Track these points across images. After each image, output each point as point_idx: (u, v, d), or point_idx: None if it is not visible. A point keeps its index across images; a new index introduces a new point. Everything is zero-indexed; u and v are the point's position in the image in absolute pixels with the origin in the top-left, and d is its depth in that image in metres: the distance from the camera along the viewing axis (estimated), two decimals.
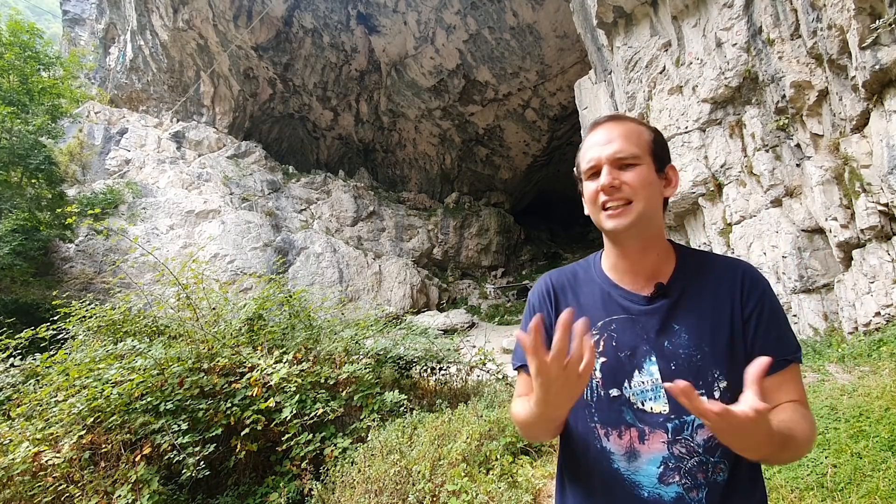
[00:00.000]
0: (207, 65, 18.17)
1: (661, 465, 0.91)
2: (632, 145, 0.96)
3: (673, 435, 0.91)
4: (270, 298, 4.98)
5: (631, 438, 0.93)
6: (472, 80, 19.16)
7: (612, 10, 8.19)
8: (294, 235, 17.27)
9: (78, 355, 3.90)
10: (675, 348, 0.94)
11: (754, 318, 0.95)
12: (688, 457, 0.90)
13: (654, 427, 0.92)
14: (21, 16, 13.67)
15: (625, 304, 1.00)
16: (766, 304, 0.96)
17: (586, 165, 0.99)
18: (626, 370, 0.95)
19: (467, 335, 8.96)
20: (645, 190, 0.94)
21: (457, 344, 6.00)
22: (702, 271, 1.01)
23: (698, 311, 0.96)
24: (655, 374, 0.93)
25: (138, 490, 2.89)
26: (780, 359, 0.92)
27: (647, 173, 0.96)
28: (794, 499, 2.67)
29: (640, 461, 0.92)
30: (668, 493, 0.90)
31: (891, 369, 4.07)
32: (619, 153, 0.94)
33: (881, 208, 5.03)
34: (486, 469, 3.10)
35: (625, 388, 0.95)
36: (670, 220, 8.18)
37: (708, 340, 0.94)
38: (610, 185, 0.93)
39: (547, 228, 27.53)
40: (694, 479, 0.90)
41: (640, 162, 0.95)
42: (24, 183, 12.26)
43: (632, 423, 0.94)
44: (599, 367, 0.97)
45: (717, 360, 0.92)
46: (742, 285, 0.97)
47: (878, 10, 4.55)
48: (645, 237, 0.98)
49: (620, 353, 0.96)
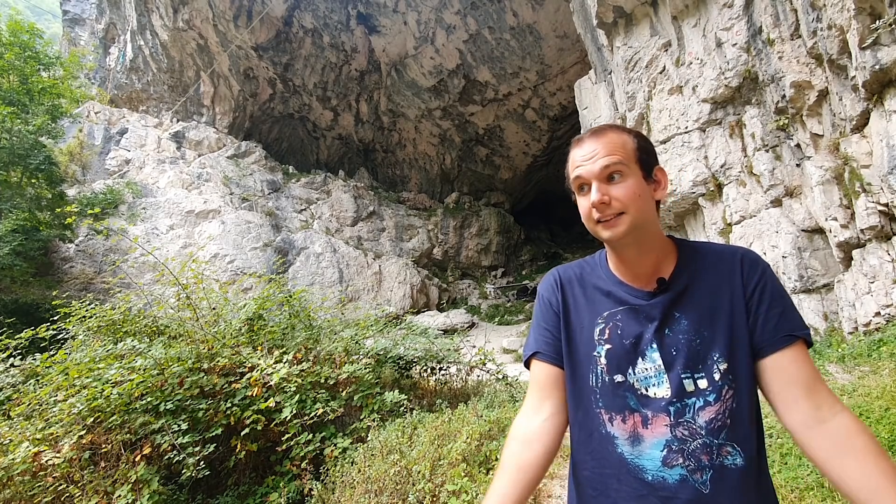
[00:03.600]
0: (207, 65, 18.17)
1: (664, 449, 0.92)
2: (617, 157, 0.97)
3: (675, 418, 0.93)
4: (270, 298, 4.98)
5: (635, 423, 0.95)
6: (472, 80, 19.16)
7: (612, 10, 8.19)
8: (294, 235, 17.27)
9: (78, 355, 3.90)
10: (675, 335, 0.96)
11: (756, 295, 0.96)
12: (691, 439, 0.91)
13: (657, 411, 0.94)
14: (21, 16, 13.67)
15: (629, 297, 1.03)
16: (767, 283, 0.97)
17: (575, 182, 1.01)
18: (629, 357, 0.98)
19: (467, 335, 8.97)
20: (635, 201, 0.96)
21: (457, 344, 6.00)
22: (702, 261, 1.03)
23: (698, 297, 0.99)
24: (658, 361, 0.96)
25: (138, 490, 2.89)
26: (786, 334, 0.92)
27: (635, 183, 0.97)
28: (794, 499, 2.67)
29: (644, 445, 0.94)
30: (672, 475, 0.91)
31: (891, 369, 4.07)
32: (605, 166, 0.96)
33: (881, 208, 5.03)
34: (486, 469, 3.10)
35: (629, 375, 0.97)
36: (670, 220, 8.18)
37: (707, 324, 0.96)
38: (600, 201, 0.95)
39: (547, 228, 27.54)
40: (698, 461, 0.90)
41: (627, 172, 0.97)
42: (24, 183, 12.26)
43: (635, 408, 0.96)
44: (605, 353, 1.00)
45: (718, 343, 0.94)
46: (742, 267, 0.99)
47: (878, 10, 4.55)
48: (641, 242, 1.00)
49: (625, 341, 0.99)
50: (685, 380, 0.94)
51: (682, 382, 0.94)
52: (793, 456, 3.10)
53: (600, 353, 1.00)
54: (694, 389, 0.93)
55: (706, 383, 0.93)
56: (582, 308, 1.07)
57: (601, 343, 1.01)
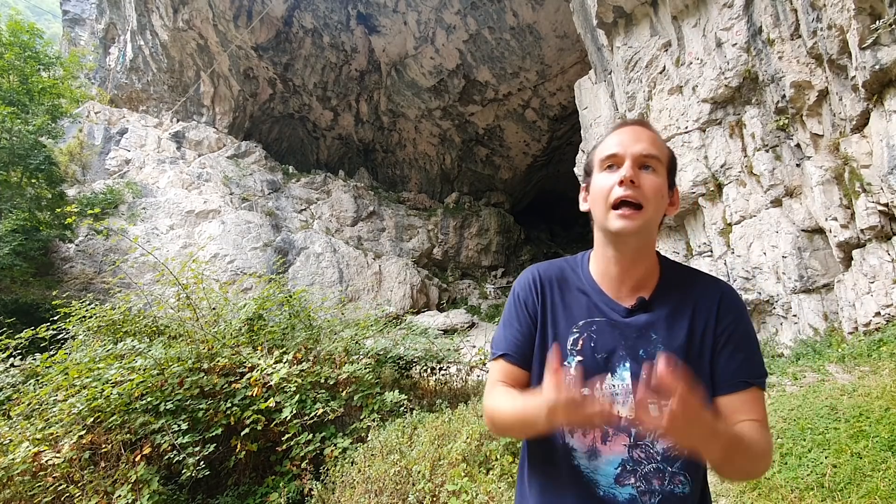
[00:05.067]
0: (207, 65, 18.17)
1: (619, 467, 0.94)
2: (657, 151, 0.98)
3: (635, 440, 0.94)
4: (270, 298, 4.98)
5: (594, 438, 0.96)
6: (472, 80, 19.15)
7: (612, 10, 8.19)
8: (294, 235, 17.27)
9: (78, 355, 3.90)
10: (649, 357, 0.96)
11: (725, 336, 0.98)
12: (646, 462, 0.93)
13: (619, 430, 0.95)
14: (21, 16, 13.67)
15: (606, 310, 1.02)
16: (739, 326, 0.99)
17: (607, 153, 1.00)
18: (599, 372, 0.97)
19: (467, 335, 8.97)
20: (657, 199, 0.96)
21: (457, 344, 6.01)
22: (683, 288, 1.03)
23: (675, 325, 0.99)
24: (627, 380, 0.96)
25: (138, 490, 2.89)
26: (743, 380, 0.95)
27: (662, 184, 0.98)
28: (794, 499, 2.67)
29: (600, 461, 0.95)
30: (623, 493, 0.93)
31: (891, 369, 4.07)
32: (645, 152, 0.97)
33: (881, 208, 5.03)
34: (486, 469, 3.10)
35: (596, 389, 0.96)
36: (670, 221, 8.18)
37: (682, 355, 0.96)
38: (631, 178, 0.94)
39: (547, 228, 27.53)
40: (649, 483, 0.92)
41: (660, 171, 0.98)
42: (24, 183, 12.25)
43: None
44: (575, 365, 0.99)
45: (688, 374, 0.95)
46: (719, 305, 1.00)
47: (878, 10, 4.55)
48: (641, 245, 1.00)
49: (597, 355, 0.98)
50: (650, 405, 0.93)
51: (648, 406, 0.93)
52: (793, 456, 3.11)
53: (571, 363, 0.99)
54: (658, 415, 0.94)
55: None
56: (559, 314, 1.05)
57: (573, 353, 1.00)
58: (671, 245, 8.34)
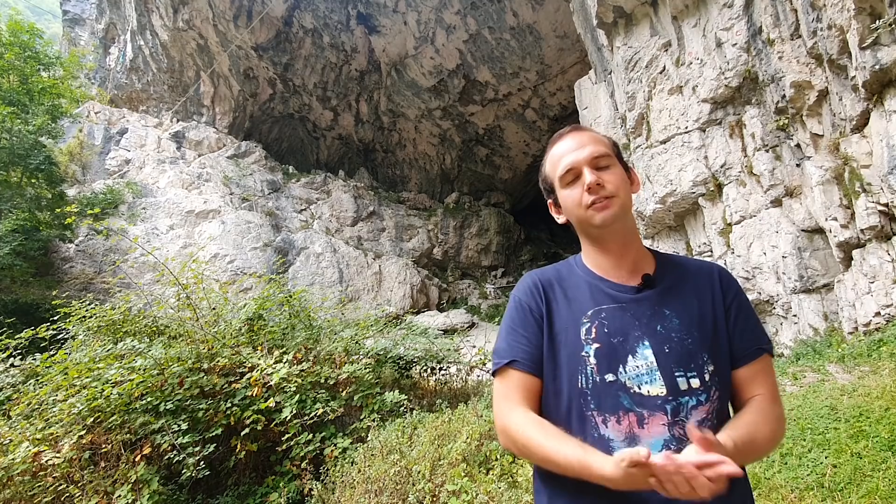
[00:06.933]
0: (207, 65, 18.16)
1: (662, 449, 0.90)
2: (604, 149, 1.05)
3: (672, 416, 0.92)
4: (270, 298, 4.98)
5: (630, 423, 0.93)
6: (472, 80, 19.15)
7: (612, 10, 8.19)
8: (294, 235, 17.26)
9: (78, 355, 3.90)
10: (667, 332, 0.97)
11: (734, 308, 1.04)
12: (686, 439, 0.89)
13: (653, 410, 0.93)
14: (21, 16, 13.67)
15: (613, 293, 1.03)
16: (741, 298, 1.06)
17: (563, 171, 1.05)
18: (619, 355, 0.96)
19: (467, 335, 8.97)
20: (624, 187, 1.03)
21: (457, 344, 6.01)
22: (680, 268, 1.09)
23: (685, 299, 1.02)
24: (650, 358, 0.95)
25: (138, 490, 2.89)
26: (756, 347, 1.01)
27: (621, 173, 1.05)
28: (794, 499, 2.67)
29: (641, 446, 0.90)
30: None
31: (891, 369, 4.07)
32: (595, 154, 1.03)
33: (881, 208, 5.03)
34: (486, 469, 3.10)
35: (620, 373, 0.95)
36: (670, 220, 8.18)
37: (697, 326, 0.99)
38: (596, 182, 0.99)
39: (547, 228, 27.51)
40: None
41: (614, 163, 1.04)
42: (24, 183, 12.25)
43: (629, 407, 0.93)
44: (594, 353, 0.98)
45: (704, 346, 0.97)
46: (720, 280, 1.07)
47: (878, 10, 4.55)
48: (626, 230, 1.05)
49: (613, 339, 0.98)
50: (678, 378, 0.93)
51: (676, 380, 0.93)
52: (793, 456, 3.11)
53: (589, 352, 0.97)
54: (687, 388, 0.93)
55: (698, 383, 0.94)
56: (564, 309, 1.04)
57: (588, 343, 0.98)
58: (671, 245, 8.34)
